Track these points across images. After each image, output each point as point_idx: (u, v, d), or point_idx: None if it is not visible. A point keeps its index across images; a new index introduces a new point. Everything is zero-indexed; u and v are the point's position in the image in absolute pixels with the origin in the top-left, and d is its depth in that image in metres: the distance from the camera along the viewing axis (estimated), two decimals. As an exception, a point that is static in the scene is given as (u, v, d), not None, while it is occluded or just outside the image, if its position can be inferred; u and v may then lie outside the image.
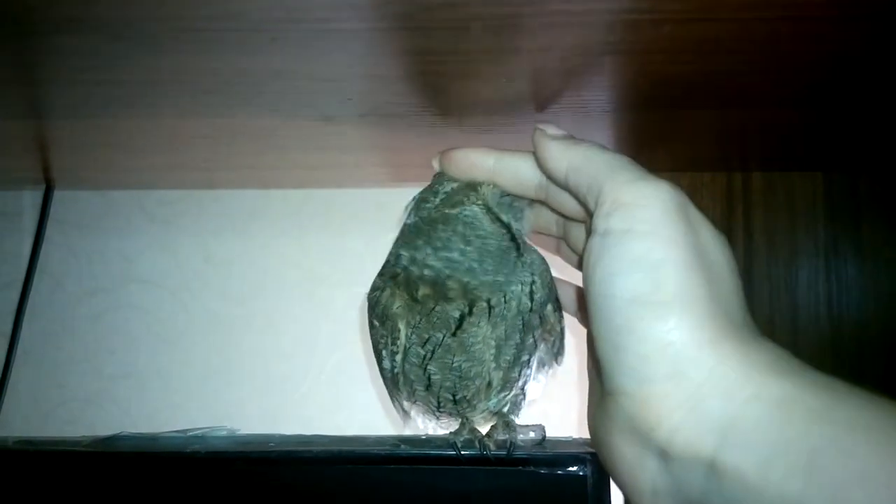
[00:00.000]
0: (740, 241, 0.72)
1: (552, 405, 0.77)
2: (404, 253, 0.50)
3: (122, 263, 0.88)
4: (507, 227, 0.50)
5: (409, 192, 0.56)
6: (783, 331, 0.72)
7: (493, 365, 0.50)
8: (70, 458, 0.51)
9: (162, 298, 0.88)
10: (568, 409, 0.81)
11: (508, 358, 0.50)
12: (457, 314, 0.48)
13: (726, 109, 0.54)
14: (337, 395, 0.86)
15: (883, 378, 0.71)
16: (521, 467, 0.48)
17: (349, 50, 0.41)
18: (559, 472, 0.48)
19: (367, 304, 0.53)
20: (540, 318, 0.51)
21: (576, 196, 0.43)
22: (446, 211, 0.50)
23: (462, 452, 0.49)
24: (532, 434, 0.52)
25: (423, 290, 0.49)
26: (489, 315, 0.48)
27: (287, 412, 0.86)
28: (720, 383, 0.35)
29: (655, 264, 0.37)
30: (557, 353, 0.54)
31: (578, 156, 0.42)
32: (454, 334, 0.48)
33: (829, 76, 0.47)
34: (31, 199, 0.87)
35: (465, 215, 0.49)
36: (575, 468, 0.48)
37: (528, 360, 0.51)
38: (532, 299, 0.49)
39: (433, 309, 0.48)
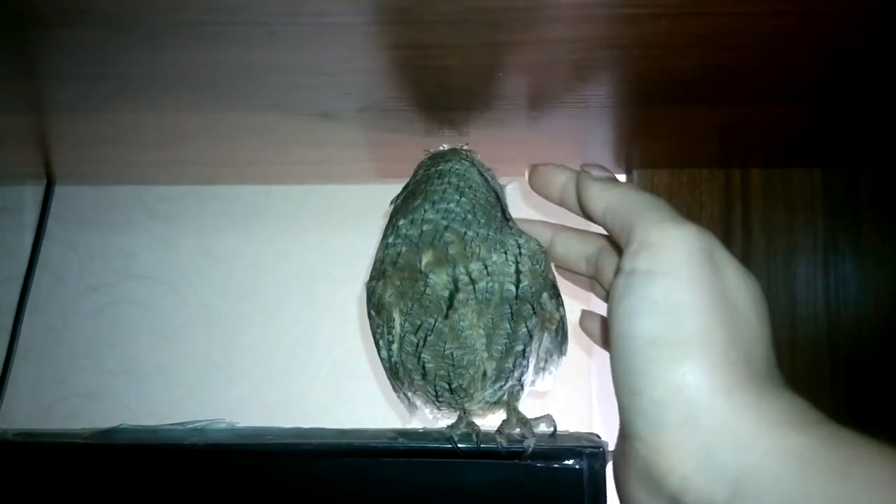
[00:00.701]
0: (739, 238, 0.73)
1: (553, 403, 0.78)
2: (402, 221, 0.51)
3: (122, 259, 0.88)
4: (495, 190, 0.53)
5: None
6: (781, 327, 0.72)
7: (485, 354, 0.50)
8: (70, 450, 0.52)
9: (162, 294, 0.88)
10: (568, 403, 0.82)
11: (500, 347, 0.50)
12: (446, 293, 0.49)
13: (725, 105, 0.54)
14: (337, 390, 0.87)
15: (881, 375, 0.71)
16: (517, 461, 0.49)
17: (348, 44, 0.41)
18: (556, 465, 0.48)
19: (365, 291, 0.54)
20: (533, 307, 0.51)
21: (613, 236, 0.44)
22: (439, 167, 0.52)
23: (458, 446, 0.49)
24: (543, 426, 0.52)
25: (426, 258, 0.50)
26: (474, 290, 0.49)
27: (287, 407, 0.86)
28: (734, 434, 0.35)
29: (674, 306, 0.37)
30: (561, 342, 0.54)
31: (616, 197, 0.43)
32: (446, 316, 0.49)
33: (829, 72, 0.48)
34: (31, 195, 0.87)
35: (457, 168, 0.52)
36: (571, 462, 0.48)
37: (523, 351, 0.51)
38: (517, 284, 0.50)
39: (424, 292, 0.49)
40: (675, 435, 0.36)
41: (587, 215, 0.47)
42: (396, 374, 0.53)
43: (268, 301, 0.88)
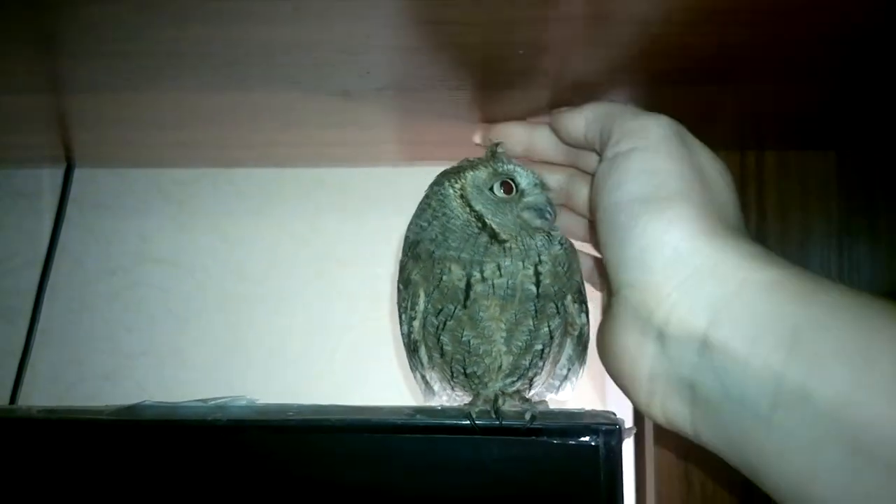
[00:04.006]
0: (753, 220, 0.73)
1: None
2: (412, 219, 0.55)
3: (139, 243, 0.89)
4: (479, 216, 0.52)
5: (423, 172, 0.57)
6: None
7: (503, 348, 0.51)
8: (92, 426, 0.52)
9: (178, 277, 0.89)
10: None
11: (520, 343, 0.51)
12: (462, 285, 0.50)
13: (740, 84, 0.54)
14: (351, 373, 0.87)
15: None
16: (534, 437, 0.49)
17: (370, 20, 0.41)
18: (571, 442, 0.49)
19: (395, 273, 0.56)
20: (557, 307, 0.52)
21: (595, 149, 0.49)
22: (432, 187, 0.55)
23: (477, 422, 0.49)
24: (540, 408, 0.53)
25: (413, 251, 0.53)
26: (492, 286, 0.50)
27: (302, 390, 0.87)
28: (714, 268, 0.40)
29: (657, 171, 0.43)
30: (582, 350, 0.55)
31: (590, 111, 0.49)
32: (465, 306, 0.51)
33: (845, 50, 0.48)
34: (50, 179, 0.88)
35: (439, 193, 0.54)
36: (587, 438, 0.49)
37: (542, 351, 0.52)
38: (538, 284, 0.51)
39: (441, 279, 0.51)
40: (662, 273, 0.41)
41: (569, 143, 0.52)
42: (416, 350, 0.55)
43: (283, 284, 0.88)
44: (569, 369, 0.56)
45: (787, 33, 0.44)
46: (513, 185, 0.53)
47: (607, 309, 0.46)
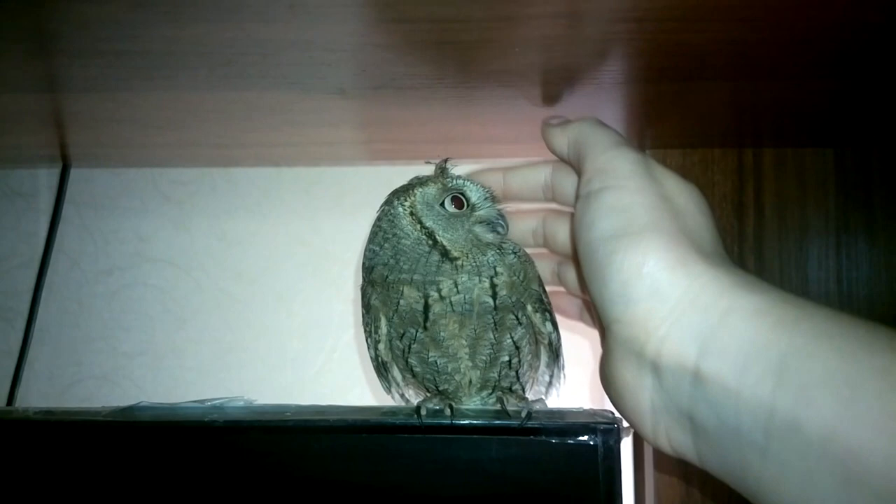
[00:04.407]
0: (751, 217, 0.73)
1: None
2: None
3: (136, 243, 0.89)
4: (429, 233, 0.52)
5: (421, 170, 0.57)
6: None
7: (469, 363, 0.52)
8: (89, 427, 0.52)
9: (176, 277, 0.89)
10: (579, 383, 0.82)
11: (484, 357, 0.52)
12: (420, 307, 0.51)
13: (739, 81, 0.54)
14: (350, 372, 0.87)
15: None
16: (532, 436, 0.49)
17: (366, 18, 0.41)
18: (570, 441, 0.49)
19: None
20: (517, 317, 0.52)
21: (576, 169, 0.50)
22: (382, 208, 0.55)
23: (424, 421, 0.50)
24: (537, 406, 0.53)
25: (369, 277, 0.54)
26: (450, 303, 0.50)
27: (300, 389, 0.86)
28: (696, 299, 0.40)
29: (626, 207, 0.44)
30: (556, 356, 0.56)
31: (573, 133, 0.50)
32: (425, 327, 0.51)
33: (844, 47, 0.47)
34: (46, 179, 0.87)
35: (390, 213, 0.54)
36: (586, 438, 0.48)
37: (510, 362, 0.53)
38: (494, 297, 0.51)
39: (398, 303, 0.51)
40: (646, 306, 0.41)
41: (556, 154, 0.52)
42: (388, 371, 0.56)
43: (281, 283, 0.88)
44: (550, 375, 0.56)
45: (785, 30, 0.44)
46: (463, 199, 0.53)
47: (603, 345, 0.46)
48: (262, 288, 0.88)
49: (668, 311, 0.40)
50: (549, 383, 0.56)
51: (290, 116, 0.61)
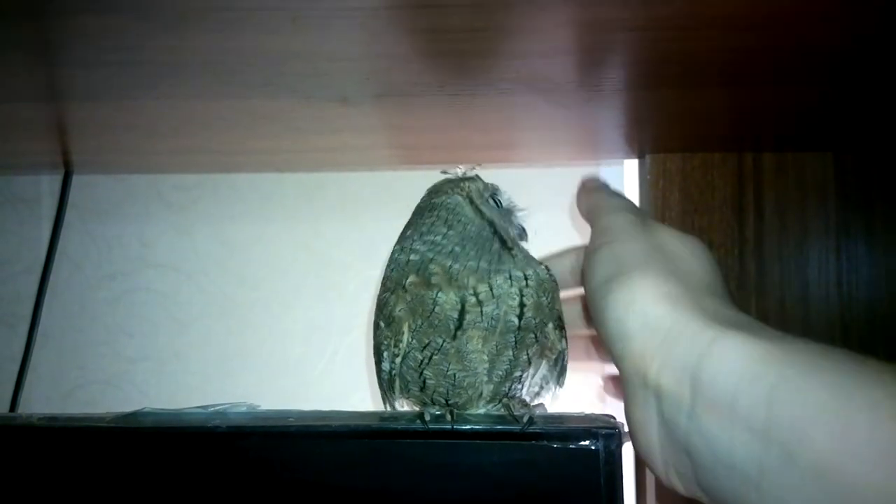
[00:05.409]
0: (751, 222, 0.73)
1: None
2: (397, 247, 0.54)
3: (139, 248, 0.89)
4: (490, 221, 0.53)
5: (422, 176, 0.57)
6: (794, 311, 0.72)
7: (485, 378, 0.52)
8: (93, 434, 0.52)
9: (179, 282, 0.89)
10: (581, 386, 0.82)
11: (500, 373, 0.52)
12: (455, 314, 0.50)
13: (738, 87, 0.54)
14: (352, 376, 0.87)
15: (893, 357, 0.71)
16: (533, 441, 0.49)
17: (369, 28, 0.41)
18: (572, 446, 0.49)
19: (376, 303, 0.54)
20: (536, 336, 0.52)
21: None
22: (433, 200, 0.54)
23: (430, 426, 0.50)
24: (538, 411, 0.53)
25: (410, 278, 0.51)
26: (482, 313, 0.50)
27: (302, 394, 0.87)
28: (683, 330, 0.40)
29: (618, 256, 0.46)
30: (560, 373, 0.55)
31: (592, 202, 0.53)
32: (454, 337, 0.50)
33: (842, 54, 0.48)
34: (49, 185, 0.88)
35: (448, 202, 0.53)
36: (587, 442, 0.48)
37: (521, 377, 0.53)
38: (520, 317, 0.51)
39: (433, 310, 0.50)
40: (640, 340, 0.42)
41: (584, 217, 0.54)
42: (392, 386, 0.54)
43: (283, 288, 0.88)
44: (541, 387, 0.56)
45: (784, 37, 0.45)
46: (497, 202, 0.55)
47: (623, 389, 0.46)
48: (265, 293, 0.88)
49: (658, 343, 0.41)
50: (538, 394, 0.56)
51: (292, 124, 0.61)
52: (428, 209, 0.54)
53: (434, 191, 0.55)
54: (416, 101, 0.55)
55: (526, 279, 0.51)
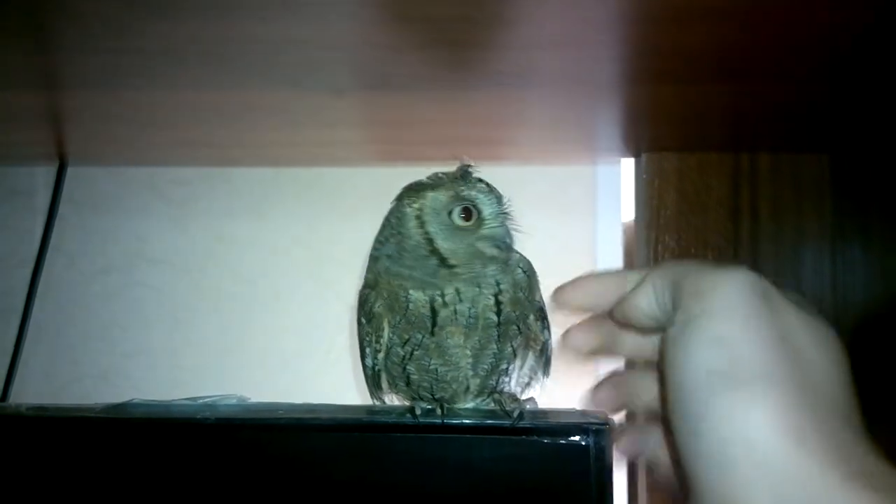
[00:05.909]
0: (746, 222, 0.73)
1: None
2: (373, 245, 0.55)
3: (134, 242, 0.89)
4: (430, 239, 0.51)
5: (418, 172, 0.56)
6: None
7: (470, 372, 0.52)
8: (82, 424, 0.52)
9: (174, 277, 0.89)
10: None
11: (486, 367, 0.52)
12: (427, 312, 0.50)
13: (735, 84, 0.54)
14: (345, 372, 0.87)
15: (887, 359, 0.71)
16: (524, 436, 0.49)
17: (362, 17, 0.41)
18: (562, 441, 0.48)
19: (357, 300, 0.55)
20: (519, 327, 0.52)
21: (667, 320, 0.40)
22: (396, 202, 0.54)
23: (420, 420, 0.50)
24: (529, 406, 0.53)
25: (380, 277, 0.53)
26: (455, 312, 0.50)
27: (296, 389, 0.86)
28: (805, 482, 0.33)
29: (728, 339, 0.35)
30: (545, 364, 0.55)
31: (657, 275, 0.41)
32: (432, 333, 0.51)
33: (839, 52, 0.48)
34: (44, 178, 0.88)
35: (399, 211, 0.53)
36: (578, 438, 0.48)
37: (507, 369, 0.53)
38: (499, 313, 0.51)
39: (408, 307, 0.51)
40: (745, 475, 0.34)
41: (643, 317, 0.42)
42: (378, 382, 0.55)
43: (278, 284, 0.88)
44: (530, 378, 0.56)
45: (781, 34, 0.45)
46: (473, 211, 0.52)
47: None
48: (260, 288, 0.88)
49: (770, 486, 0.33)
50: (528, 384, 0.56)
51: (288, 116, 0.61)
52: (389, 211, 0.54)
53: (399, 195, 0.54)
54: (410, 94, 0.55)
55: (498, 285, 0.51)
